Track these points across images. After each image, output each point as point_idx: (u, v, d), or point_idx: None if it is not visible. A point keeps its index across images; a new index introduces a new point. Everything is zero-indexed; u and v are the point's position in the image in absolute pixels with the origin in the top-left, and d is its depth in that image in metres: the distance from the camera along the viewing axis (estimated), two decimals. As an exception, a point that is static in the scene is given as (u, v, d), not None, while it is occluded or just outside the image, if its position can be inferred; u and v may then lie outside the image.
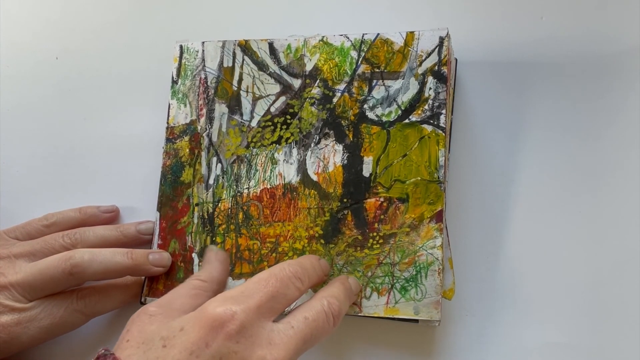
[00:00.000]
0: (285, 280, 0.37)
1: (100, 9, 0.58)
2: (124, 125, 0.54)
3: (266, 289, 0.36)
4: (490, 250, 0.45)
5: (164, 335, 0.34)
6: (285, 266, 0.38)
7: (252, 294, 0.35)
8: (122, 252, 0.46)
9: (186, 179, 0.49)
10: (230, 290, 0.36)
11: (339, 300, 0.38)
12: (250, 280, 0.37)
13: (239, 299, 0.35)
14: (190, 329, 0.33)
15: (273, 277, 0.37)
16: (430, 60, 0.45)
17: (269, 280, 0.36)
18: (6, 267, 0.45)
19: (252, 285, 0.36)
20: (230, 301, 0.34)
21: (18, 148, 0.56)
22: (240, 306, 0.34)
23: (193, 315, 0.34)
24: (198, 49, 0.51)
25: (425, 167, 0.44)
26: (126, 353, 0.34)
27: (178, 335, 0.33)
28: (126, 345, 0.34)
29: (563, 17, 0.48)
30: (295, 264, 0.39)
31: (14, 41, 0.59)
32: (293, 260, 0.39)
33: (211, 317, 0.33)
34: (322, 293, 0.39)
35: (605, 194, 0.44)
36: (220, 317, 0.33)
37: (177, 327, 0.34)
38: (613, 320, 0.42)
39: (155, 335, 0.34)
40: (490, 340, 0.44)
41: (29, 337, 0.44)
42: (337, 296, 0.39)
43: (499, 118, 0.47)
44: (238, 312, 0.34)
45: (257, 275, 0.37)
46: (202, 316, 0.34)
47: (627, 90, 0.46)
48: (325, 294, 0.39)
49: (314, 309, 0.37)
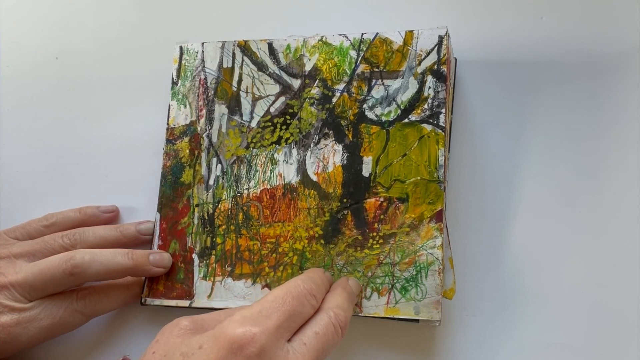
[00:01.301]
0: (301, 298, 0.37)
1: (100, 9, 0.58)
2: (124, 126, 0.54)
3: (283, 308, 0.36)
4: (490, 250, 0.45)
5: (183, 351, 0.34)
6: (299, 283, 0.38)
7: (270, 313, 0.35)
8: (123, 253, 0.46)
9: (186, 180, 0.49)
10: (247, 308, 0.36)
11: (344, 310, 0.38)
12: (266, 299, 0.37)
13: (258, 320, 0.34)
14: (209, 348, 0.33)
15: (289, 296, 0.36)
16: (430, 59, 0.45)
17: (285, 299, 0.36)
18: (6, 267, 0.45)
19: (269, 304, 0.36)
20: (249, 322, 0.34)
21: (18, 148, 0.56)
22: (260, 327, 0.34)
23: (212, 334, 0.34)
24: (198, 49, 0.51)
25: (425, 167, 0.44)
26: None
27: (197, 353, 0.33)
28: (151, 357, 0.34)
29: (563, 17, 0.48)
30: (308, 280, 0.39)
31: (14, 41, 0.59)
32: (305, 276, 0.39)
33: (230, 338, 0.33)
34: (327, 304, 0.39)
35: (605, 194, 0.44)
36: (240, 338, 0.33)
37: (196, 345, 0.34)
38: (613, 320, 0.42)
39: (175, 350, 0.34)
40: (490, 340, 0.43)
41: (28, 337, 0.44)
42: (341, 306, 0.39)
43: (498, 118, 0.47)
44: (258, 334, 0.34)
45: (272, 293, 0.37)
46: (221, 336, 0.34)
47: (628, 91, 0.45)
48: (331, 304, 0.38)
49: (322, 322, 0.37)
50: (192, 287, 0.46)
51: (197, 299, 0.46)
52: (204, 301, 0.46)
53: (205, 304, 0.46)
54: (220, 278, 0.46)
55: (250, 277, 0.45)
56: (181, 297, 0.46)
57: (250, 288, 0.45)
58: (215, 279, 0.46)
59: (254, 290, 0.45)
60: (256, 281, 0.45)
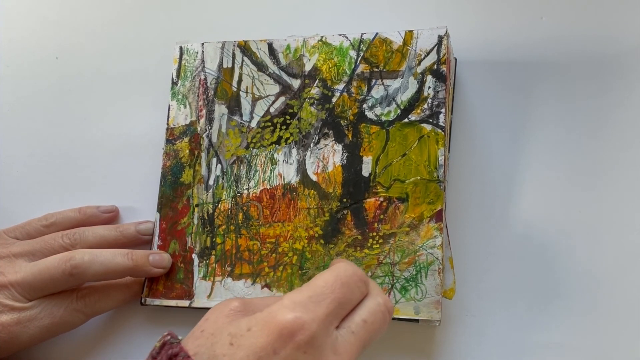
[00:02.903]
0: (351, 284, 0.36)
1: (100, 9, 0.58)
2: (124, 126, 0.54)
3: (334, 295, 0.35)
4: (490, 250, 0.45)
5: (231, 332, 0.33)
6: (348, 267, 0.36)
7: (320, 300, 0.34)
8: (123, 253, 0.46)
9: (186, 180, 0.49)
10: (296, 292, 0.35)
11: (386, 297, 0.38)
12: (316, 283, 0.35)
13: (308, 307, 0.34)
14: (258, 332, 0.33)
15: (339, 282, 0.35)
16: (429, 59, 0.45)
17: (335, 285, 0.35)
18: (6, 266, 0.45)
19: (319, 289, 0.35)
20: (300, 308, 0.33)
21: (18, 148, 0.56)
22: (310, 315, 0.33)
23: (261, 318, 0.34)
24: (198, 50, 0.51)
25: (424, 167, 0.44)
26: (197, 343, 0.33)
27: (245, 335, 0.33)
28: (199, 335, 0.34)
29: (563, 17, 0.48)
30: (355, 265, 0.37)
31: (14, 41, 0.59)
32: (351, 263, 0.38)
33: (280, 324, 0.33)
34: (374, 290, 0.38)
35: (605, 193, 0.44)
36: (291, 325, 0.33)
37: (244, 327, 0.33)
38: (613, 320, 0.42)
39: (224, 330, 0.33)
40: (490, 340, 0.43)
41: (28, 337, 0.44)
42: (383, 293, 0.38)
43: (499, 118, 0.47)
44: (308, 322, 0.33)
45: (323, 277, 0.36)
46: (271, 321, 0.33)
47: (627, 91, 0.45)
48: (377, 290, 0.38)
49: (370, 310, 0.36)
50: (191, 287, 0.46)
51: (197, 299, 0.46)
52: (204, 301, 0.46)
53: (205, 304, 0.46)
54: (220, 278, 0.46)
55: (250, 277, 0.45)
56: (181, 297, 0.46)
57: (250, 288, 0.45)
58: (215, 279, 0.46)
59: (254, 290, 0.45)
60: (256, 281, 0.45)
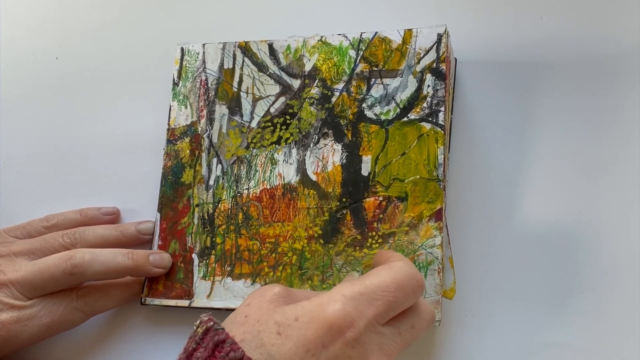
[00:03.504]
0: (407, 289, 0.35)
1: (100, 9, 0.59)
2: (125, 126, 0.55)
3: (386, 298, 0.34)
4: (490, 250, 0.45)
5: (278, 320, 0.33)
6: (407, 270, 0.35)
7: (372, 299, 0.33)
8: (123, 253, 0.46)
9: (187, 180, 0.49)
10: (348, 286, 0.34)
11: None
12: (371, 280, 0.34)
13: (359, 304, 0.33)
14: (307, 323, 0.32)
15: (395, 284, 0.34)
16: (429, 57, 0.45)
17: (390, 287, 0.34)
18: (6, 265, 0.45)
19: (373, 287, 0.34)
20: (350, 304, 0.33)
21: (18, 147, 0.56)
22: (360, 313, 0.33)
23: (309, 309, 0.33)
24: (199, 51, 0.51)
25: (424, 166, 0.44)
26: (242, 329, 0.33)
27: (293, 325, 0.32)
28: (243, 321, 0.33)
29: (563, 17, 0.48)
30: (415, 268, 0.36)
31: (14, 41, 0.60)
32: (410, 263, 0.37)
33: (330, 319, 0.32)
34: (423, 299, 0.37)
35: (605, 193, 0.44)
36: (341, 322, 0.32)
37: (291, 315, 0.33)
38: (613, 320, 0.42)
39: (270, 317, 0.33)
40: (490, 340, 0.43)
41: (28, 335, 0.44)
42: None
43: (498, 118, 0.47)
44: (357, 320, 0.32)
45: (378, 275, 0.35)
46: (320, 313, 0.32)
47: (627, 91, 0.45)
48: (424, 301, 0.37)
49: (420, 316, 0.36)
50: (191, 287, 0.46)
51: (197, 298, 0.46)
52: (204, 301, 0.46)
53: (205, 304, 0.46)
54: (220, 278, 0.46)
55: (249, 276, 0.45)
56: (181, 297, 0.46)
57: (249, 288, 0.45)
58: (214, 279, 0.46)
59: (254, 290, 0.45)
60: (255, 281, 0.45)
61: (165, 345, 0.48)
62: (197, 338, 0.32)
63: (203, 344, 0.32)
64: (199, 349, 0.32)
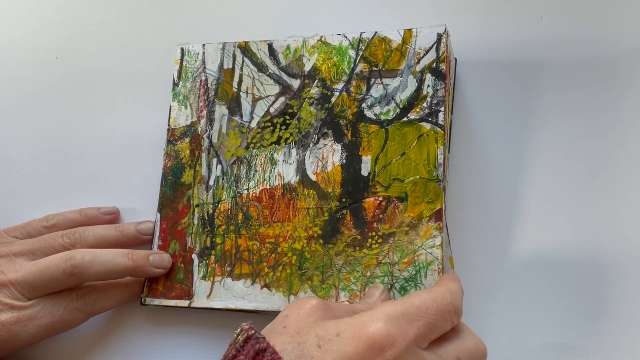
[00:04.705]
0: (445, 313, 0.35)
1: (100, 9, 0.59)
2: (125, 126, 0.55)
3: (426, 320, 0.34)
4: (490, 250, 0.45)
5: (319, 333, 0.33)
6: (447, 295, 0.36)
7: (412, 320, 0.34)
8: (123, 253, 0.46)
9: (187, 180, 0.49)
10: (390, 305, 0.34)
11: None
12: (412, 301, 0.35)
13: (400, 324, 0.33)
14: (348, 340, 0.32)
15: (435, 307, 0.35)
16: (428, 57, 0.45)
17: (430, 309, 0.35)
18: (6, 265, 0.45)
19: (414, 309, 0.34)
20: (392, 324, 0.33)
21: (18, 148, 0.57)
22: (401, 333, 0.33)
23: (351, 325, 0.33)
24: (199, 51, 0.51)
25: (424, 166, 0.43)
26: (282, 339, 0.33)
27: (334, 340, 0.32)
28: (282, 331, 0.33)
29: (563, 17, 0.48)
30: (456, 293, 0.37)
31: (14, 41, 0.60)
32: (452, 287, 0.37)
33: (371, 337, 0.32)
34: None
35: (605, 193, 0.44)
36: (382, 340, 0.32)
37: (333, 330, 0.33)
38: (613, 320, 0.42)
39: (310, 330, 0.33)
40: (490, 340, 0.43)
41: (28, 335, 0.44)
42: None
43: (498, 118, 0.47)
44: (398, 340, 0.33)
45: (419, 296, 0.35)
46: (361, 331, 0.33)
47: (627, 90, 0.45)
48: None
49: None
50: (191, 287, 0.46)
51: (197, 298, 0.46)
52: (203, 301, 0.46)
53: (205, 304, 0.46)
54: (220, 278, 0.46)
55: (249, 277, 0.45)
56: (180, 297, 0.46)
57: (249, 288, 0.45)
58: (214, 279, 0.46)
59: (253, 290, 0.45)
60: (255, 281, 0.45)
61: (165, 346, 0.48)
62: (238, 345, 0.32)
63: (244, 351, 0.32)
64: (239, 356, 0.32)
